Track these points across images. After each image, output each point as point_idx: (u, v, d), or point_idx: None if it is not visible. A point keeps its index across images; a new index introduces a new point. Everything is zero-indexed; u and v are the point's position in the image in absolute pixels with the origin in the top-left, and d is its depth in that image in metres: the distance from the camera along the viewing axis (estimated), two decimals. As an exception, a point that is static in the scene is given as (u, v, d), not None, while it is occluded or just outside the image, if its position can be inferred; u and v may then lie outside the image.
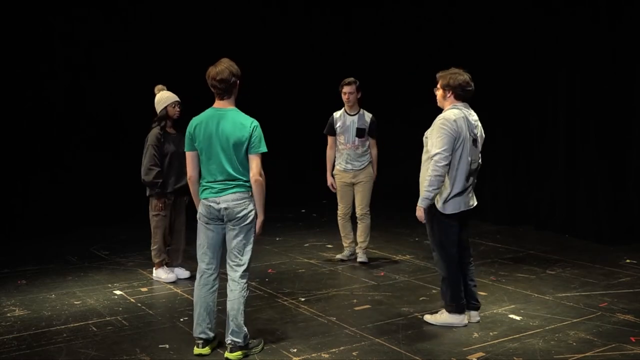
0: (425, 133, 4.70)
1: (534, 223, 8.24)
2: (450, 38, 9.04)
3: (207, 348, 4.29)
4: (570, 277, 6.01)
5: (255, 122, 4.16)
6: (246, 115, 4.19)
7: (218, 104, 4.21)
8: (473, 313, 4.81)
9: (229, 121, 4.11)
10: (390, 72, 9.90)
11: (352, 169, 6.47)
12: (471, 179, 4.65)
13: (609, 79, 7.30)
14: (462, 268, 4.77)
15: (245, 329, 4.22)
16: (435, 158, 4.48)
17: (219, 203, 4.14)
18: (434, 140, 4.53)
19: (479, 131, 4.68)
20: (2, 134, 8.06)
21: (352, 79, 6.41)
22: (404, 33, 9.61)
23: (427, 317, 4.85)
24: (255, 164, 4.14)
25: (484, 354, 4.22)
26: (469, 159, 4.56)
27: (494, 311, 5.06)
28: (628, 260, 6.52)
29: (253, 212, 4.20)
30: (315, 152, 8.49)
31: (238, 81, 4.20)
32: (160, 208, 5.85)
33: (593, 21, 7.39)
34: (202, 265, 4.28)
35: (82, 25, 8.57)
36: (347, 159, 6.45)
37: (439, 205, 4.58)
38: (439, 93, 4.71)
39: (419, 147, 4.78)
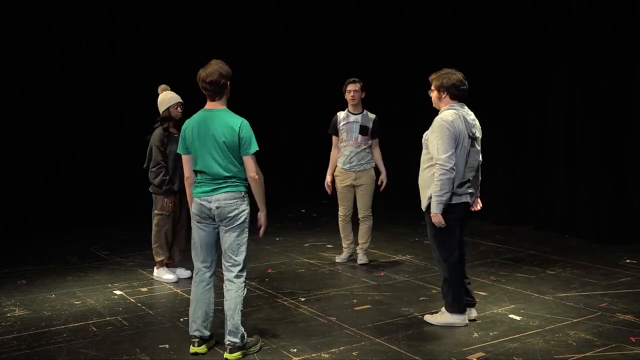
0: (424, 134, 4.71)
1: (534, 223, 8.23)
2: (451, 38, 9.03)
3: (203, 347, 4.29)
4: (570, 277, 6.01)
5: (244, 122, 4.17)
6: (235, 116, 4.20)
7: (209, 105, 4.24)
8: (471, 310, 4.85)
9: (219, 122, 4.14)
10: (389, 72, 9.90)
11: (353, 170, 6.41)
12: (470, 175, 4.64)
13: (609, 79, 7.29)
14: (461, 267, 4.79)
15: (242, 330, 4.22)
16: (441, 162, 4.47)
17: (210, 202, 4.16)
18: (436, 143, 4.51)
19: (477, 130, 4.68)
20: (2, 134, 8.06)
21: (356, 78, 6.41)
22: (404, 33, 9.61)
23: (428, 318, 4.85)
24: (249, 164, 4.17)
25: (484, 354, 4.22)
26: (466, 158, 4.57)
27: (494, 311, 5.06)
28: (628, 260, 6.52)
29: (245, 212, 4.20)
30: (316, 152, 8.49)
31: (228, 82, 4.21)
32: (171, 208, 5.89)
33: (593, 21, 7.38)
34: (197, 264, 4.33)
35: (82, 26, 8.57)
36: (349, 157, 6.38)
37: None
38: (433, 95, 4.72)
39: (419, 147, 4.78)
